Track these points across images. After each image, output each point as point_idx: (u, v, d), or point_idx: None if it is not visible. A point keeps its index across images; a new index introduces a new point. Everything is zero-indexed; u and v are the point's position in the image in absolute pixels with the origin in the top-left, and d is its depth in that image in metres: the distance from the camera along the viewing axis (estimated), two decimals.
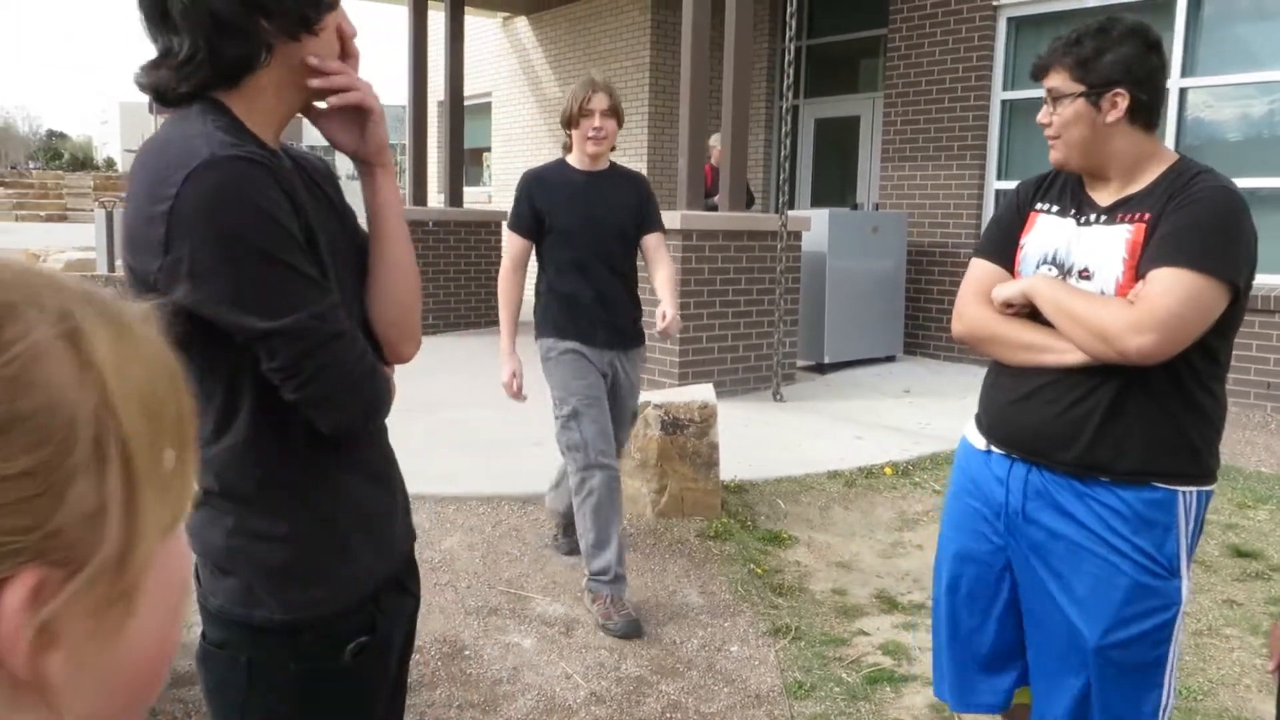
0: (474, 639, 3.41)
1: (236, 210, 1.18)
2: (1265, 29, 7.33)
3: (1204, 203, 1.87)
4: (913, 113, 9.11)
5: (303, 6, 1.26)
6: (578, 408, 3.52)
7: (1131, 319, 1.82)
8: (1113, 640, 1.95)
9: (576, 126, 3.54)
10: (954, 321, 2.16)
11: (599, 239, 3.57)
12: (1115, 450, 1.92)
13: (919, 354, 9.07)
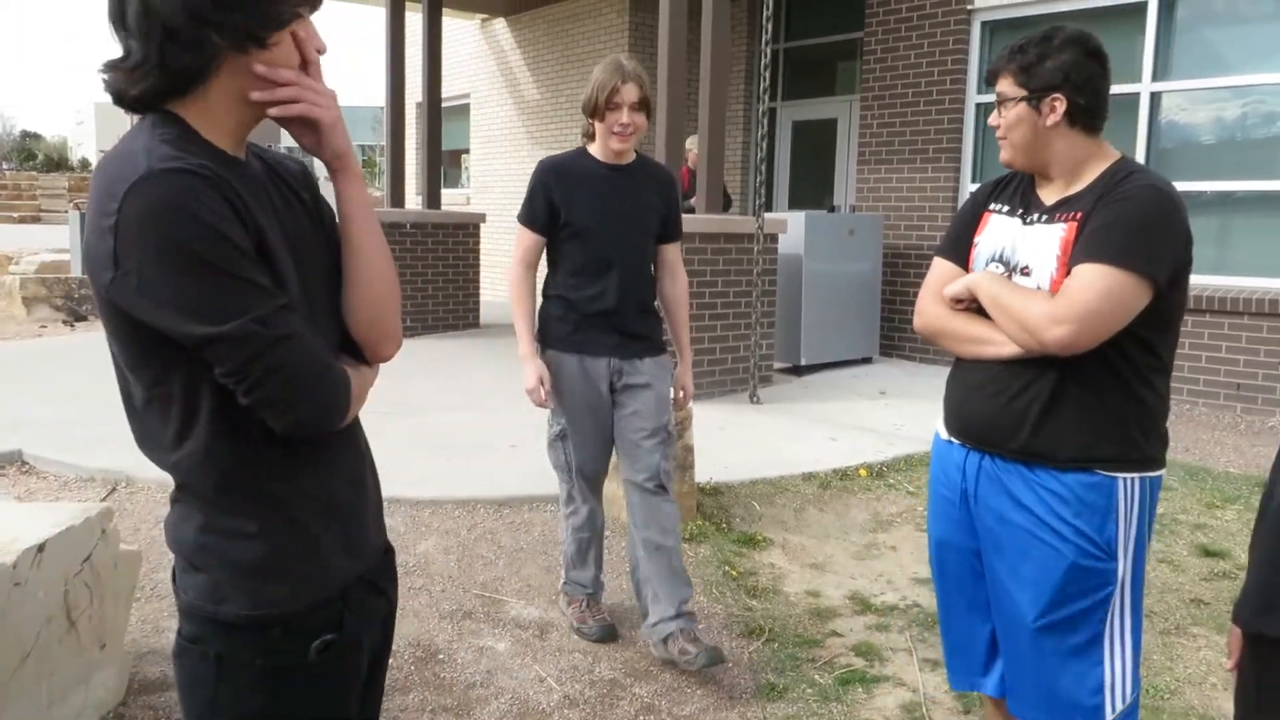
0: (448, 643, 3.42)
1: (174, 221, 1.20)
2: (1236, 33, 7.42)
3: (1131, 201, 1.96)
4: (889, 115, 9.17)
5: (251, 23, 1.28)
6: (567, 428, 3.31)
7: (1050, 311, 1.94)
8: (1050, 620, 2.06)
9: (601, 119, 3.18)
10: (915, 317, 2.29)
11: (620, 240, 3.23)
12: (1056, 438, 2.03)
13: (895, 356, 9.13)
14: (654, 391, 3.29)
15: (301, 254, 1.40)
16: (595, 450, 3.35)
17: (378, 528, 1.57)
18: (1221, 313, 7.14)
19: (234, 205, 1.26)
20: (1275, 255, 7.23)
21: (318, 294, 1.43)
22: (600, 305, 3.22)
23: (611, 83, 3.12)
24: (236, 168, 1.34)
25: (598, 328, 3.24)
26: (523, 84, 13.20)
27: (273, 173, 1.46)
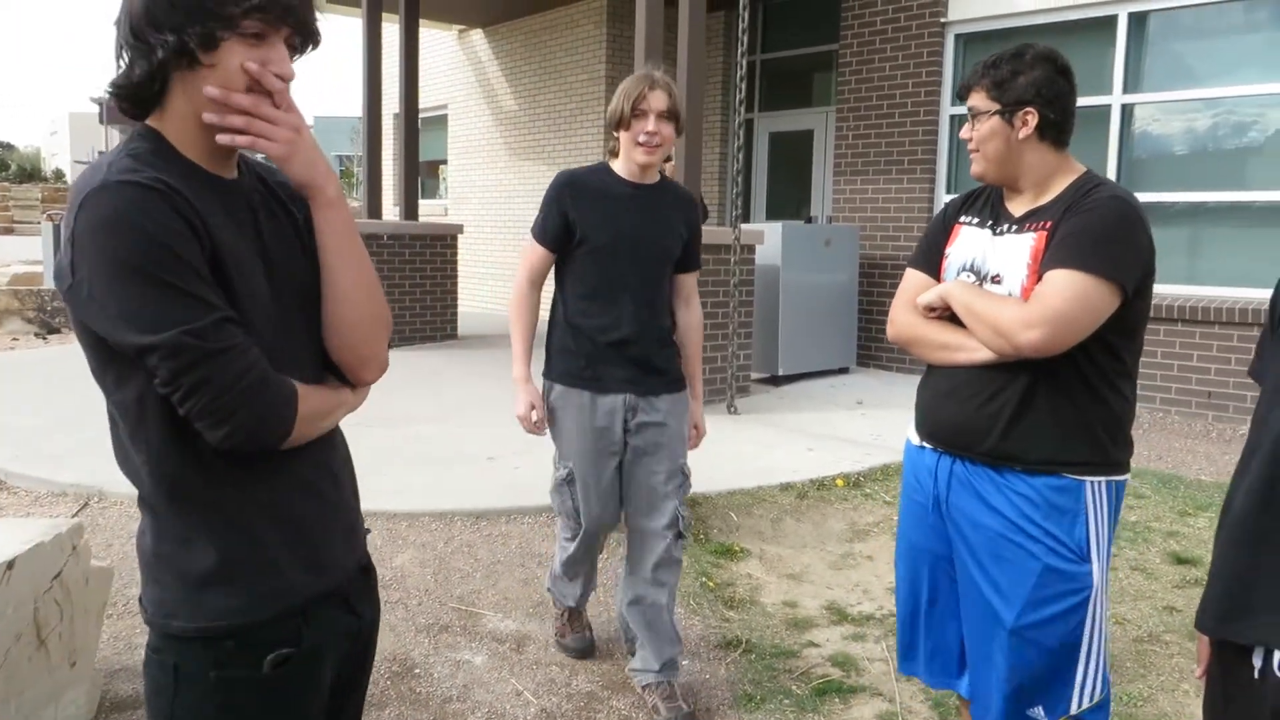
0: (424, 657, 3.40)
1: (118, 233, 1.24)
2: (1205, 46, 7.53)
3: (1097, 210, 2.04)
4: (864, 127, 9.23)
5: (185, 41, 1.30)
6: (575, 472, 3.04)
7: (1023, 315, 2.00)
8: (1027, 622, 2.09)
9: (626, 128, 2.94)
10: (888, 327, 2.35)
11: (637, 264, 2.97)
12: (1026, 441, 2.08)
13: (872, 366, 9.17)
14: (671, 431, 3.04)
15: (281, 272, 1.42)
16: (606, 497, 3.07)
17: (350, 545, 1.56)
18: (1193, 322, 7.22)
19: (187, 219, 1.28)
20: (1245, 265, 7.32)
21: (302, 312, 1.44)
22: (616, 335, 2.97)
23: (638, 90, 2.91)
24: (207, 182, 1.36)
25: (612, 360, 2.98)
26: (500, 95, 13.21)
27: (267, 190, 1.48)
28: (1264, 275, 7.20)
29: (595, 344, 2.98)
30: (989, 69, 2.15)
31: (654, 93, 2.90)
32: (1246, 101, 7.31)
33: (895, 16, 8.94)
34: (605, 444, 3.01)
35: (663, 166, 3.06)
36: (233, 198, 1.39)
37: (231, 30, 1.31)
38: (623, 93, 2.94)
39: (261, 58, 1.34)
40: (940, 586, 2.31)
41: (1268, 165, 7.19)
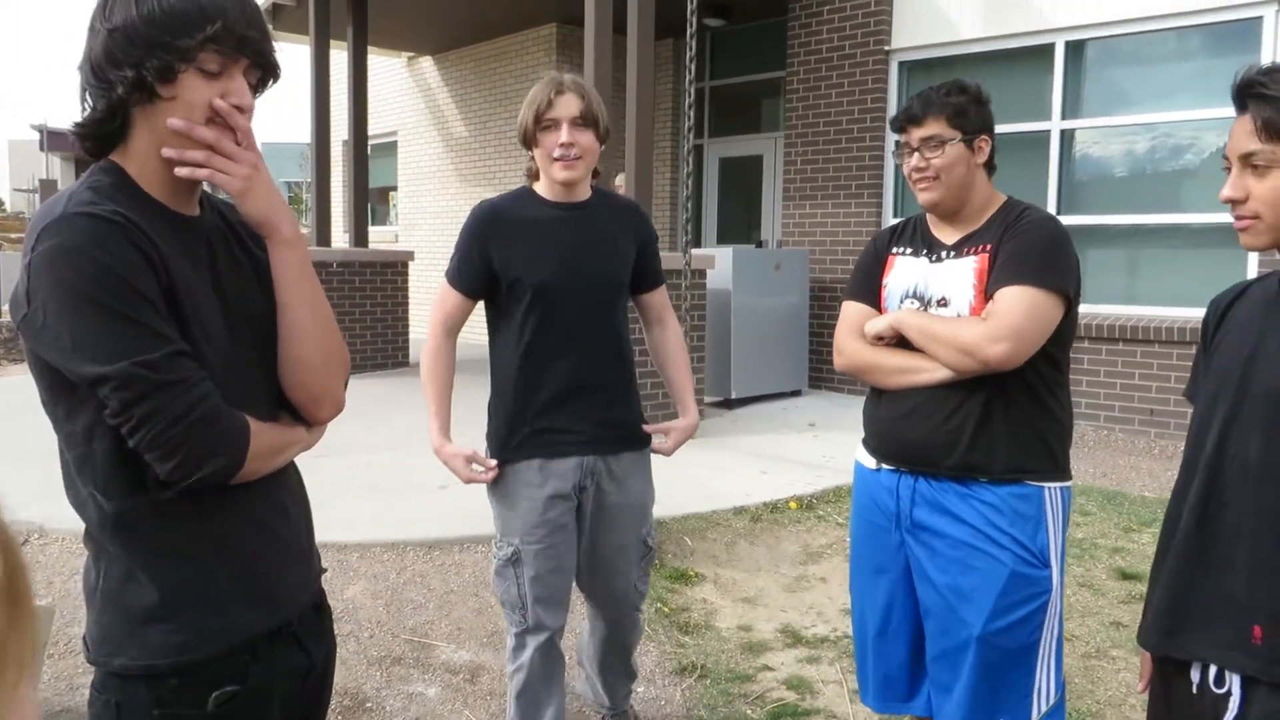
0: (376, 690, 3.35)
1: (74, 264, 1.25)
2: (1141, 73, 7.74)
3: (1034, 230, 2.19)
4: (812, 152, 9.35)
5: (145, 74, 1.31)
6: (520, 550, 2.53)
7: (986, 331, 2.10)
8: (993, 628, 2.17)
9: (536, 144, 2.51)
10: (835, 356, 2.41)
11: (582, 300, 2.52)
12: (989, 453, 2.18)
13: (823, 388, 9.25)
14: (634, 495, 2.64)
15: (238, 309, 1.43)
16: (557, 575, 2.59)
17: (303, 582, 1.56)
18: (1134, 341, 7.39)
19: (144, 252, 1.28)
20: (1183, 285, 7.50)
21: (257, 349, 1.45)
22: (565, 386, 2.52)
23: (544, 96, 2.46)
24: (166, 217, 1.36)
25: (565, 419, 2.52)
26: (450, 122, 13.20)
27: (228, 227, 1.49)
28: (1201, 295, 7.37)
29: (544, 403, 2.52)
30: (948, 97, 2.23)
31: (562, 98, 2.46)
32: (1182, 126, 7.53)
33: (840, 45, 9.10)
34: (558, 515, 2.54)
35: (595, 181, 2.67)
36: (191, 234, 1.40)
37: (188, 63, 1.32)
38: (528, 103, 2.50)
39: (220, 90, 1.35)
40: (896, 605, 2.36)
41: (1203, 188, 7.40)
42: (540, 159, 2.53)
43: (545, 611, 2.56)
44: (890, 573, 2.35)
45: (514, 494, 2.54)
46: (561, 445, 2.53)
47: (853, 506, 2.49)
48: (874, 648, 2.42)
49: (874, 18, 8.80)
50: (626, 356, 2.65)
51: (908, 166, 2.28)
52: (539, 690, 2.59)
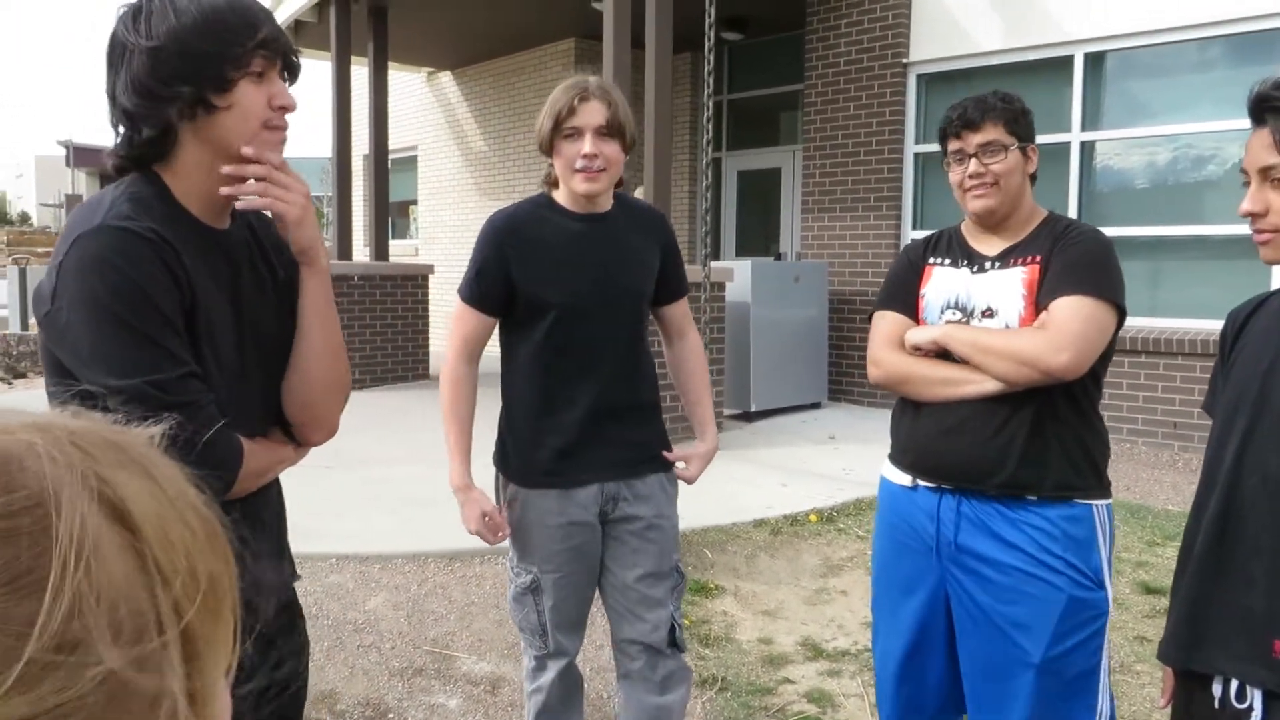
0: (398, 701, 3.36)
1: (103, 276, 1.27)
2: (1160, 84, 7.72)
3: (1087, 242, 2.16)
4: (830, 165, 9.36)
5: (200, 89, 1.33)
6: (539, 579, 2.38)
7: (1049, 341, 2.03)
8: (1053, 654, 2.07)
9: (557, 153, 2.31)
10: (870, 368, 2.33)
11: (607, 318, 2.36)
12: (1039, 470, 2.09)
13: (843, 400, 9.23)
14: (660, 520, 2.44)
15: (250, 325, 1.46)
16: (577, 602, 2.46)
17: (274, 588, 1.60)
18: (1157, 353, 7.34)
19: (172, 271, 1.32)
20: (1205, 297, 7.46)
21: (261, 367, 1.48)
22: (588, 410, 2.35)
23: (566, 101, 2.26)
24: (198, 233, 1.40)
25: (585, 444, 2.35)
26: (470, 136, 13.28)
27: (256, 243, 1.52)
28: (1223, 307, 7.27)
29: (562, 426, 2.35)
30: (1004, 104, 2.18)
31: (586, 105, 2.26)
32: (1203, 138, 7.49)
33: (858, 58, 9.11)
34: (580, 543, 2.38)
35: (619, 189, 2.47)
36: (219, 250, 1.43)
37: (242, 69, 1.35)
38: (548, 108, 2.30)
39: (267, 94, 1.39)
40: (929, 627, 2.24)
41: (1224, 199, 7.36)
42: (560, 168, 2.32)
43: (565, 637, 2.44)
44: (919, 594, 2.24)
45: (531, 522, 2.38)
46: (582, 474, 2.36)
47: (878, 524, 2.37)
48: (899, 671, 2.30)
49: (892, 30, 8.81)
50: (651, 374, 2.49)
51: (959, 174, 2.20)
52: (558, 712, 2.49)
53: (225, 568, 0.49)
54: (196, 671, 0.45)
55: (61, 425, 0.46)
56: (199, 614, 0.46)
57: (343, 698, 3.35)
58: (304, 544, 4.77)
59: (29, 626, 0.38)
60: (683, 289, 2.59)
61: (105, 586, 0.41)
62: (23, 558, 0.40)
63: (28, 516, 0.41)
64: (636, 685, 2.47)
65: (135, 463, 0.47)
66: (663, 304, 2.55)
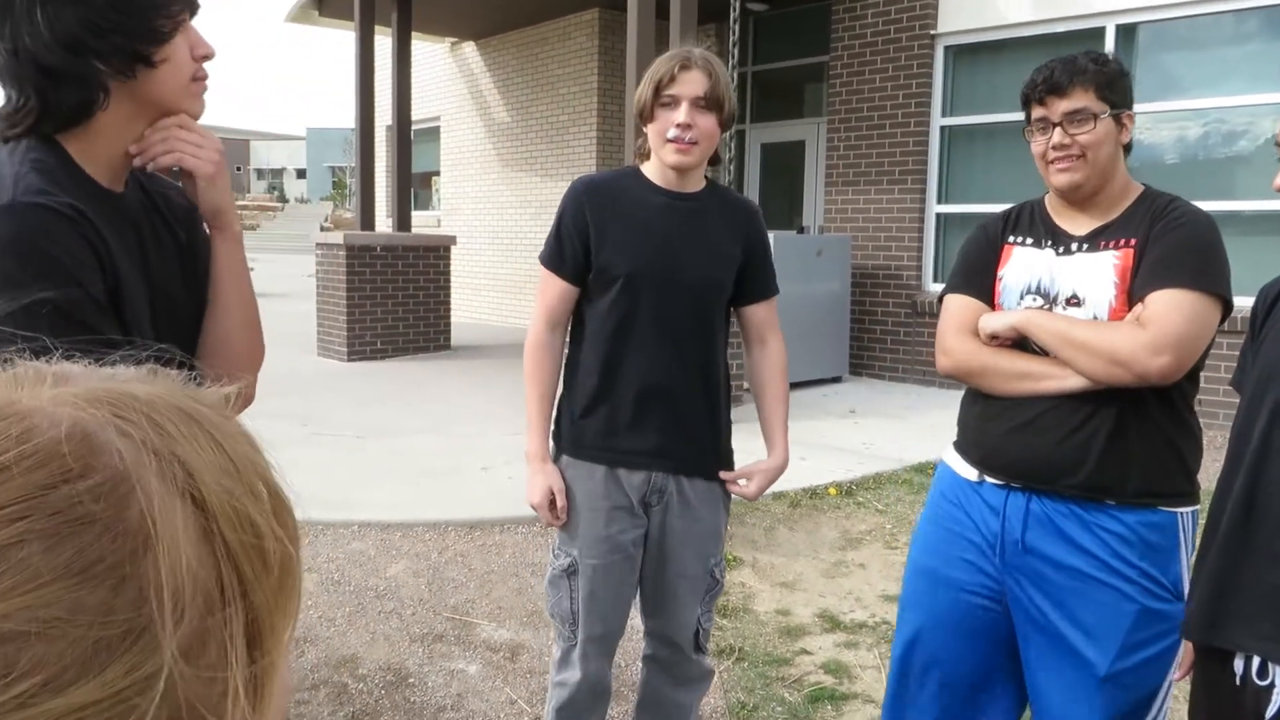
0: (418, 666, 3.41)
1: (21, 255, 1.19)
2: (1193, 58, 7.60)
3: (1189, 226, 1.93)
4: (855, 138, 9.28)
5: (135, 42, 1.25)
6: (579, 563, 2.32)
7: (1147, 341, 1.83)
8: (1120, 668, 1.93)
9: (652, 119, 2.24)
10: (940, 358, 2.12)
11: (676, 298, 2.27)
12: (1121, 472, 1.92)
13: (864, 375, 9.20)
14: (702, 519, 2.37)
15: (161, 296, 1.40)
16: (615, 599, 2.37)
17: None
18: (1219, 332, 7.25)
19: (93, 246, 1.25)
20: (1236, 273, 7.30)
21: (172, 334, 1.42)
22: (641, 386, 2.27)
23: (667, 70, 2.20)
24: (106, 199, 1.32)
25: (637, 425, 2.28)
26: (493, 107, 13.25)
27: (151, 205, 1.43)
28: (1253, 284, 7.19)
29: (617, 401, 2.29)
30: (1097, 66, 1.95)
31: (687, 74, 2.19)
32: (1235, 112, 7.38)
33: (885, 29, 9.01)
34: (621, 532, 2.32)
35: (712, 172, 2.39)
36: (121, 216, 1.35)
37: (173, 19, 1.29)
38: (650, 75, 2.25)
39: (191, 41, 1.33)
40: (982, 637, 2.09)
41: (1256, 175, 7.25)
42: (653, 137, 2.25)
43: (599, 631, 2.36)
44: (982, 596, 2.07)
45: (578, 504, 2.31)
46: (630, 454, 2.29)
47: (930, 509, 2.20)
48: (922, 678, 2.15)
49: (920, 1, 8.71)
50: (717, 370, 2.36)
51: (1042, 144, 1.98)
52: (582, 711, 2.42)
53: (292, 540, 0.49)
54: (260, 648, 0.45)
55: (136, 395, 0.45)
56: (265, 592, 0.45)
57: (364, 662, 3.40)
58: (326, 512, 4.83)
59: (100, 615, 0.38)
60: (768, 290, 2.45)
61: (174, 570, 0.41)
62: (97, 544, 0.39)
63: (101, 502, 0.40)
64: (657, 672, 2.49)
65: (204, 431, 0.46)
66: (744, 303, 2.43)
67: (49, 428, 0.41)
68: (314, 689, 3.22)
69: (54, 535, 0.39)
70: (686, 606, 2.40)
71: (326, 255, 10.04)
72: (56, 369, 0.46)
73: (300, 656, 3.42)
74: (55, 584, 0.38)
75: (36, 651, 0.37)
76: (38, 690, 0.37)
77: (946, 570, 2.11)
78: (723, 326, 2.38)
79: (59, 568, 0.38)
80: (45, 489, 0.39)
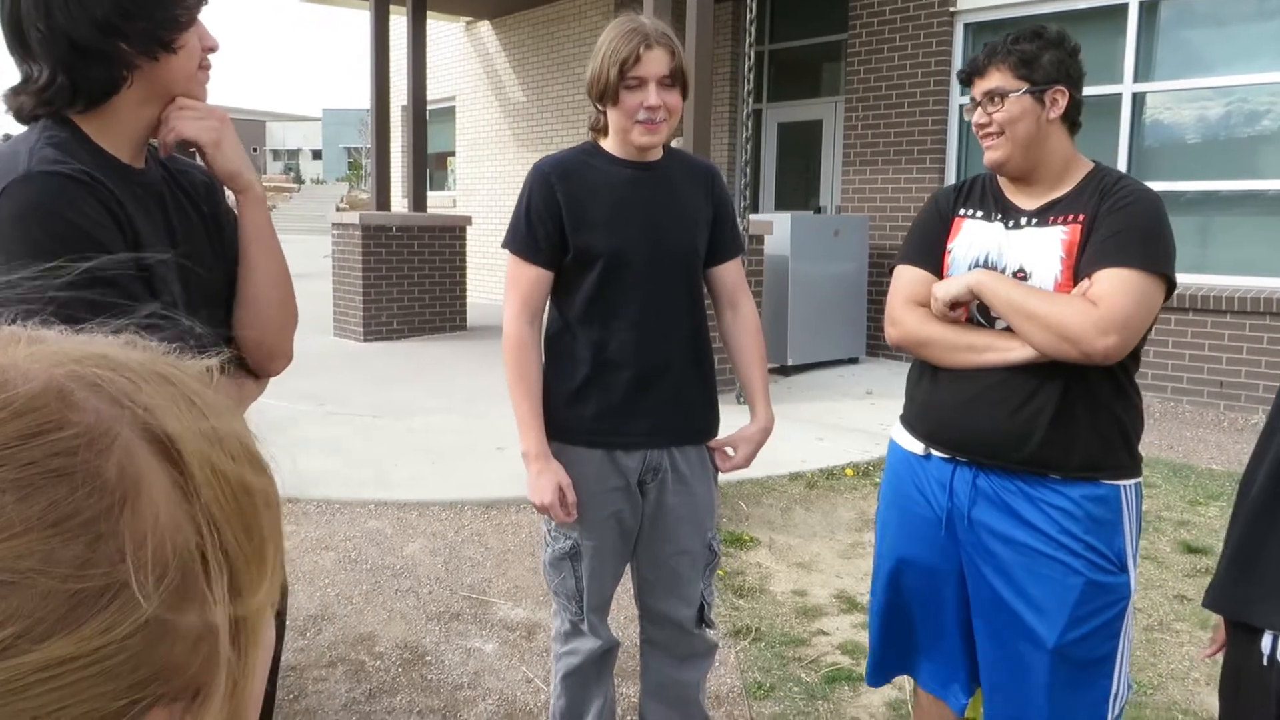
0: (435, 644, 3.42)
1: (44, 223, 1.22)
2: (1217, 34, 7.49)
3: (1138, 204, 1.94)
4: (873, 117, 9.20)
5: (159, 28, 1.31)
6: (580, 545, 2.30)
7: (1096, 320, 1.85)
8: (1069, 639, 1.97)
9: (615, 102, 2.17)
10: (888, 328, 2.17)
11: (659, 271, 2.24)
12: (1066, 447, 1.95)
13: (881, 355, 9.16)
14: (697, 494, 2.34)
15: (188, 267, 1.43)
16: (614, 571, 2.38)
17: None
18: (1204, 311, 7.20)
19: (112, 212, 1.28)
20: (1257, 254, 7.29)
21: (205, 305, 1.46)
22: (634, 368, 2.24)
23: (629, 50, 2.13)
24: (127, 175, 1.36)
25: (631, 403, 2.25)
26: (508, 86, 13.20)
27: (173, 182, 1.48)
28: (1276, 264, 7.17)
29: (610, 386, 2.25)
30: (1013, 45, 2.01)
31: (651, 53, 2.14)
32: (1258, 90, 7.27)
33: (904, 6, 8.92)
34: (622, 510, 2.31)
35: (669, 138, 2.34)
36: (145, 189, 1.40)
37: (190, 10, 1.35)
38: (608, 54, 2.16)
39: (200, 33, 1.39)
40: (944, 604, 2.16)
41: (1278, 154, 7.15)
42: (617, 118, 2.19)
43: (598, 618, 2.39)
44: (932, 570, 2.14)
45: (579, 490, 2.26)
46: (627, 436, 2.26)
47: (885, 491, 2.25)
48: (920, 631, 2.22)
49: None
50: (705, 340, 2.36)
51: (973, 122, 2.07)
52: (592, 685, 2.43)
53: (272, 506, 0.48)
54: (241, 610, 0.45)
55: (111, 356, 0.45)
56: (245, 554, 0.45)
57: (381, 640, 3.41)
58: (343, 490, 4.85)
59: (75, 569, 0.38)
60: (736, 247, 2.41)
61: (152, 528, 0.41)
62: (71, 498, 0.39)
63: (76, 456, 0.40)
64: (658, 655, 2.47)
65: (183, 395, 0.46)
66: (713, 263, 2.38)
67: (23, 383, 0.41)
68: (331, 666, 3.23)
69: (28, 486, 0.38)
70: (690, 583, 2.38)
71: (342, 236, 10.04)
72: (31, 331, 0.45)
73: (318, 634, 3.44)
74: (28, 534, 0.37)
75: (10, 602, 0.36)
76: (13, 640, 0.36)
77: (914, 553, 2.16)
78: (700, 291, 2.36)
79: (32, 519, 0.38)
80: (19, 440, 0.39)
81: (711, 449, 2.40)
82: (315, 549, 4.21)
